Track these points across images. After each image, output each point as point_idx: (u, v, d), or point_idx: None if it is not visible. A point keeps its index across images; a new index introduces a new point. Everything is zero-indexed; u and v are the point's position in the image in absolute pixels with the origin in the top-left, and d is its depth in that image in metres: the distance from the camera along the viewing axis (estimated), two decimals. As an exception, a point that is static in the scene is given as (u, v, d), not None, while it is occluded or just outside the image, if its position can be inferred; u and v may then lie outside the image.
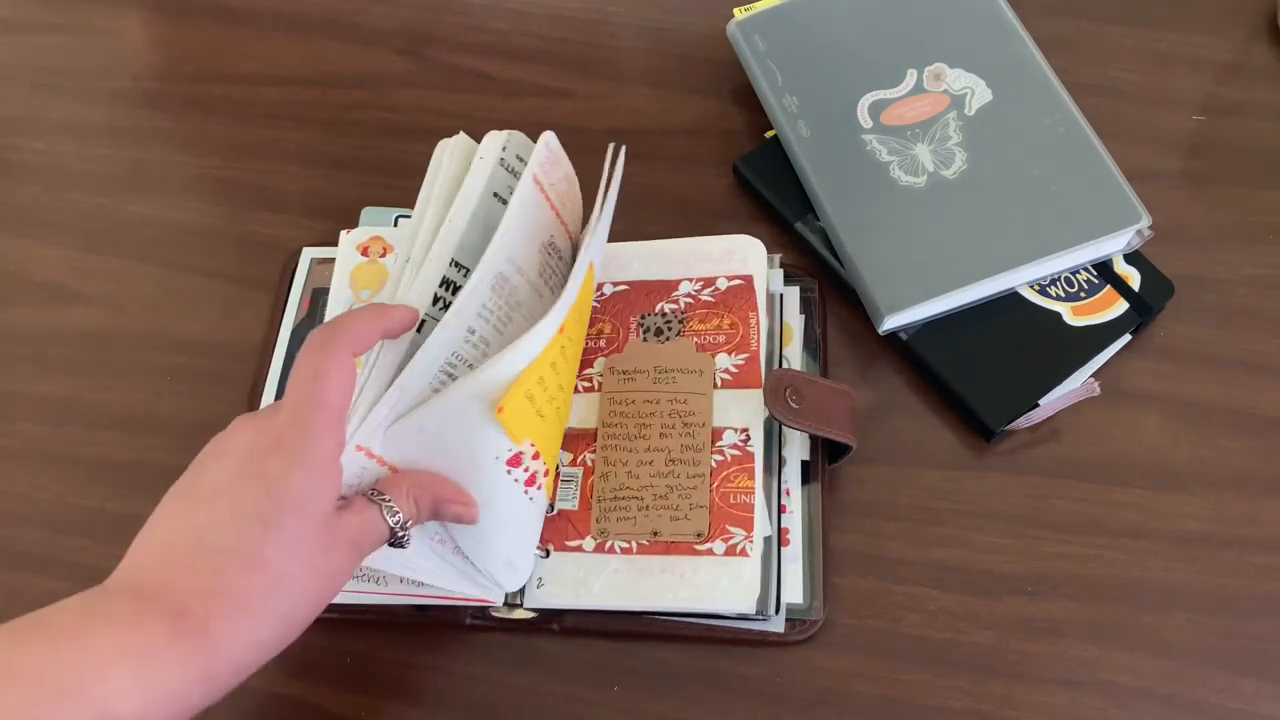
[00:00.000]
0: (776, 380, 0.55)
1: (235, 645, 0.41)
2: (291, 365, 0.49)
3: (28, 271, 0.67)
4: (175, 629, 0.40)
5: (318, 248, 0.66)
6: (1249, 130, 0.68)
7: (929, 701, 0.54)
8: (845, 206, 0.62)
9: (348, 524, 0.45)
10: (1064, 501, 0.58)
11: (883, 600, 0.56)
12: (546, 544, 0.55)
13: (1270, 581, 0.56)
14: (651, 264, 0.62)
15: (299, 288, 0.64)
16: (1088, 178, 0.61)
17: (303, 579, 0.43)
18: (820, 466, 0.58)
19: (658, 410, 0.57)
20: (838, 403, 0.57)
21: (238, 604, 0.41)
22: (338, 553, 0.44)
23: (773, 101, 0.66)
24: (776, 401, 0.54)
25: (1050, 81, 0.64)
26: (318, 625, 0.55)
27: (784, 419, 0.54)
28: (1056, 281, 0.62)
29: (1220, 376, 0.61)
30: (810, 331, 0.62)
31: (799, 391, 0.55)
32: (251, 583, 0.41)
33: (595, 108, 0.71)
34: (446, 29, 0.74)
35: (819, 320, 0.62)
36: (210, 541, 0.42)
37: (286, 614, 0.42)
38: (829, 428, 0.56)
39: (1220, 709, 0.53)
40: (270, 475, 0.42)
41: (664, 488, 0.55)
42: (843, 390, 0.57)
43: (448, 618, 0.55)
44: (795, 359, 0.61)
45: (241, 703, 0.54)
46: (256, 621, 0.41)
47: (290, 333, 0.63)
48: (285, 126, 0.71)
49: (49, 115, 0.72)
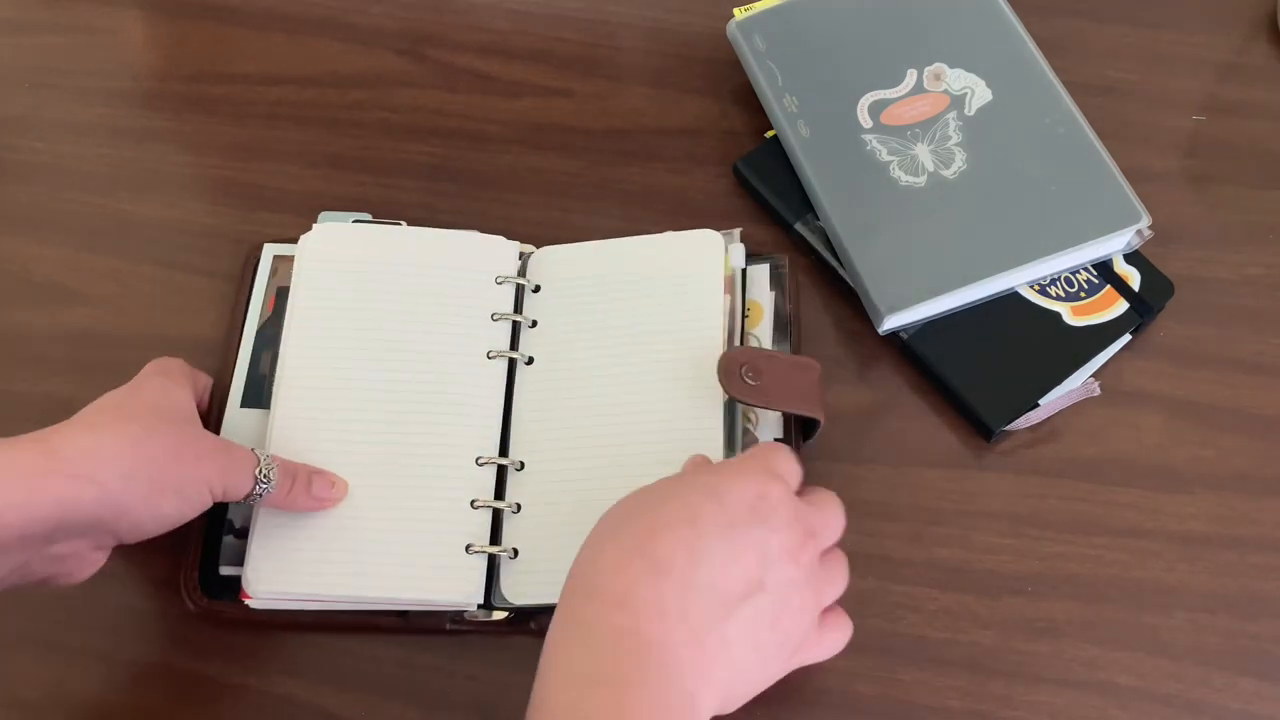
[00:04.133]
0: (729, 359, 0.54)
1: (72, 445, 0.46)
2: (257, 365, 0.59)
3: (28, 271, 0.67)
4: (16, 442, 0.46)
5: (279, 244, 0.64)
6: (1249, 130, 0.68)
7: (929, 701, 0.54)
8: (845, 206, 0.62)
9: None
10: (1064, 501, 0.58)
11: (883, 600, 0.56)
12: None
13: (1270, 581, 0.56)
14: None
15: (262, 284, 0.63)
16: (1088, 178, 0.61)
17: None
18: (795, 445, 0.57)
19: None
20: (802, 377, 0.56)
21: (81, 421, 0.48)
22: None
23: (773, 101, 0.66)
24: (730, 380, 0.54)
25: (1050, 81, 0.64)
26: (319, 626, 0.55)
27: (740, 397, 0.54)
28: (1056, 281, 0.62)
29: (1220, 376, 0.61)
30: (780, 308, 0.61)
31: (756, 368, 0.54)
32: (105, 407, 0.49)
33: (595, 108, 0.71)
34: (446, 29, 0.74)
35: (789, 296, 0.61)
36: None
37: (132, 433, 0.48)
38: (791, 403, 0.54)
39: (1220, 709, 0.53)
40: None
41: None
42: (807, 363, 0.56)
43: (429, 624, 0.55)
44: (765, 337, 0.60)
45: (241, 702, 0.55)
46: (103, 435, 0.47)
47: (255, 333, 0.61)
48: (285, 126, 0.71)
49: (49, 115, 0.72)
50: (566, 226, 0.66)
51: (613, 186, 0.68)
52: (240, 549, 0.55)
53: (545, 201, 0.67)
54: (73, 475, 0.46)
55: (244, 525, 0.56)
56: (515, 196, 0.68)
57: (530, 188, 0.68)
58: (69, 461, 0.46)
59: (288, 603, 0.54)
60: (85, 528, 0.47)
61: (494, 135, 0.70)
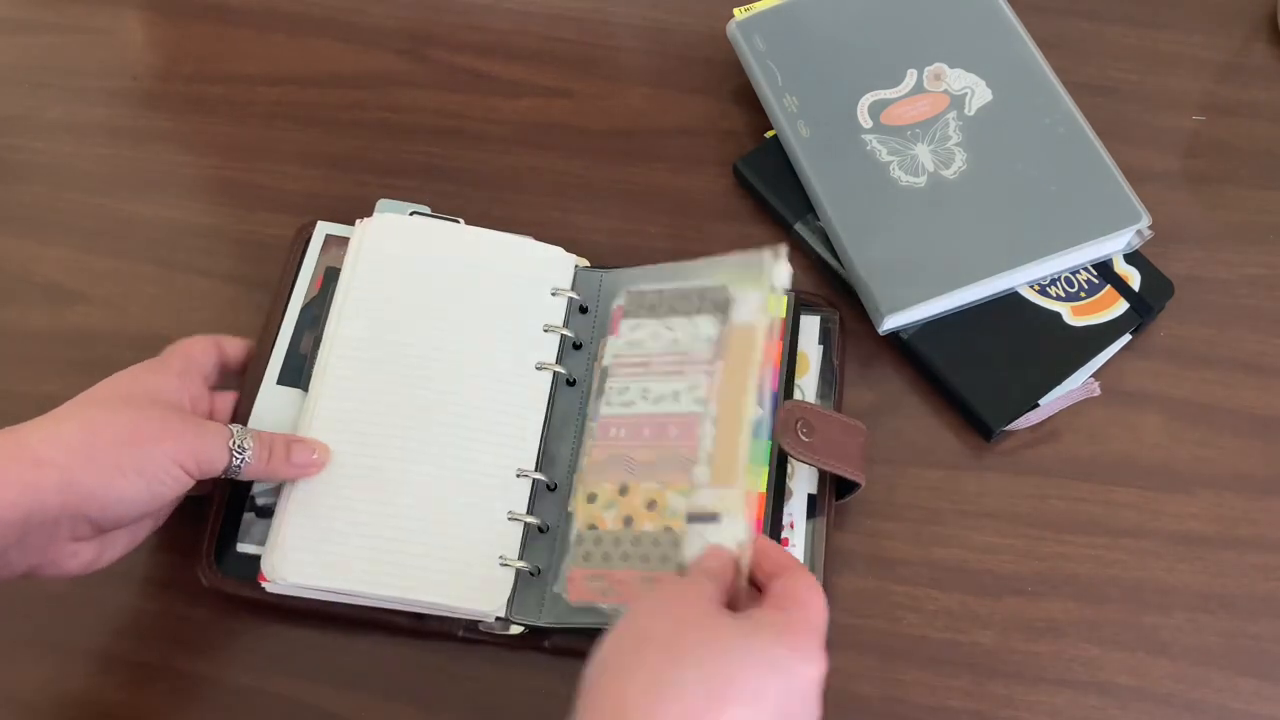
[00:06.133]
0: (788, 412, 0.55)
1: (36, 434, 0.48)
2: (297, 343, 0.58)
3: (28, 271, 0.67)
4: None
5: (333, 224, 0.63)
6: (1249, 130, 0.68)
7: (929, 701, 0.54)
8: (845, 206, 0.62)
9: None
10: (1064, 501, 0.58)
11: (883, 600, 0.56)
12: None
13: (1270, 581, 0.56)
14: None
15: (311, 264, 0.62)
16: (1088, 178, 0.61)
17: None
18: (828, 502, 0.57)
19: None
20: (850, 439, 0.56)
21: (52, 413, 0.49)
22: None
23: (773, 101, 0.66)
24: (786, 433, 0.54)
25: (1050, 81, 0.64)
26: (319, 626, 0.55)
27: (793, 452, 0.54)
28: (1056, 281, 0.62)
29: (1220, 376, 0.61)
30: (828, 363, 0.61)
31: (810, 425, 0.55)
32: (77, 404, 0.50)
33: (595, 108, 0.71)
34: (446, 29, 0.74)
35: (837, 352, 0.61)
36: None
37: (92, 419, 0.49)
38: (838, 464, 0.55)
39: (1220, 709, 0.53)
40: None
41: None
42: (856, 427, 0.57)
43: (442, 628, 0.55)
44: (810, 389, 0.60)
45: (241, 702, 0.55)
46: (66, 423, 0.49)
47: (300, 310, 0.61)
48: (285, 126, 0.71)
49: (49, 115, 0.72)
50: (566, 226, 0.65)
51: (613, 186, 0.68)
52: (261, 528, 0.55)
53: (545, 201, 0.67)
54: (36, 461, 0.47)
55: (266, 504, 0.55)
56: (515, 196, 0.68)
57: (530, 188, 0.68)
58: (33, 449, 0.47)
59: (304, 591, 0.54)
60: (55, 513, 0.47)
61: (494, 135, 0.70)
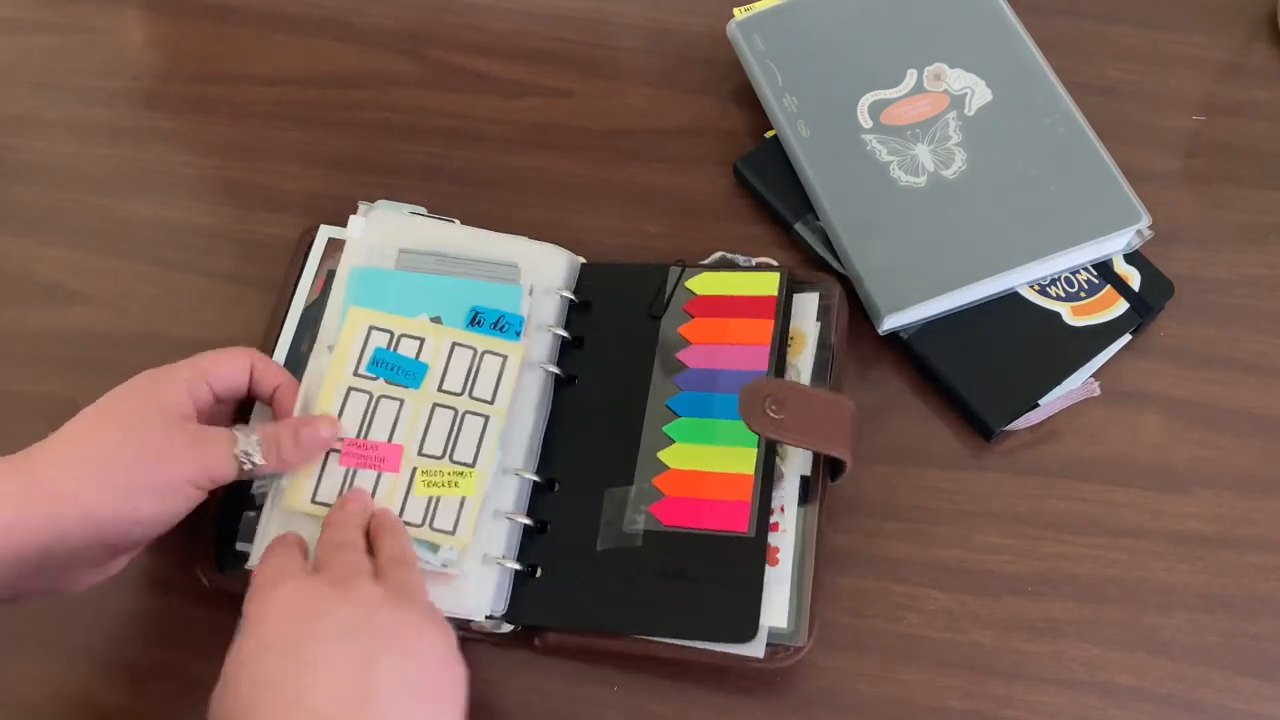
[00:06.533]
0: (752, 390, 0.52)
1: (52, 464, 0.47)
2: (298, 345, 0.57)
3: (28, 271, 0.67)
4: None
5: (336, 228, 0.64)
6: (1249, 130, 0.68)
7: (929, 701, 0.54)
8: (845, 206, 0.62)
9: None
10: (1064, 501, 0.58)
11: (883, 600, 0.56)
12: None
13: (1270, 581, 0.56)
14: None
15: (313, 266, 0.63)
16: (1088, 178, 0.61)
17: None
18: (821, 484, 0.56)
19: None
20: (832, 414, 0.53)
21: (61, 435, 0.48)
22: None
23: (773, 101, 0.66)
24: (752, 412, 0.51)
25: (1050, 81, 0.64)
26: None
27: (761, 430, 0.51)
28: (1056, 281, 0.62)
29: (1220, 376, 0.61)
30: (825, 340, 0.60)
31: (781, 401, 0.52)
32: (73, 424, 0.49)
33: (595, 108, 0.71)
34: (446, 29, 0.74)
35: (835, 328, 0.60)
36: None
37: (104, 443, 0.48)
38: (815, 441, 0.52)
39: (1220, 709, 0.53)
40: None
41: None
42: (839, 401, 0.54)
43: None
44: (805, 368, 0.59)
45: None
46: (78, 448, 0.48)
47: (300, 314, 0.61)
48: (285, 126, 0.71)
49: (49, 115, 0.72)
50: (566, 226, 0.65)
51: (613, 186, 0.68)
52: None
53: (545, 201, 0.67)
54: (53, 494, 0.46)
55: (265, 502, 0.55)
56: (515, 196, 0.68)
57: (530, 188, 0.68)
58: (49, 481, 0.46)
59: None
60: (74, 544, 0.46)
61: (494, 135, 0.70)
